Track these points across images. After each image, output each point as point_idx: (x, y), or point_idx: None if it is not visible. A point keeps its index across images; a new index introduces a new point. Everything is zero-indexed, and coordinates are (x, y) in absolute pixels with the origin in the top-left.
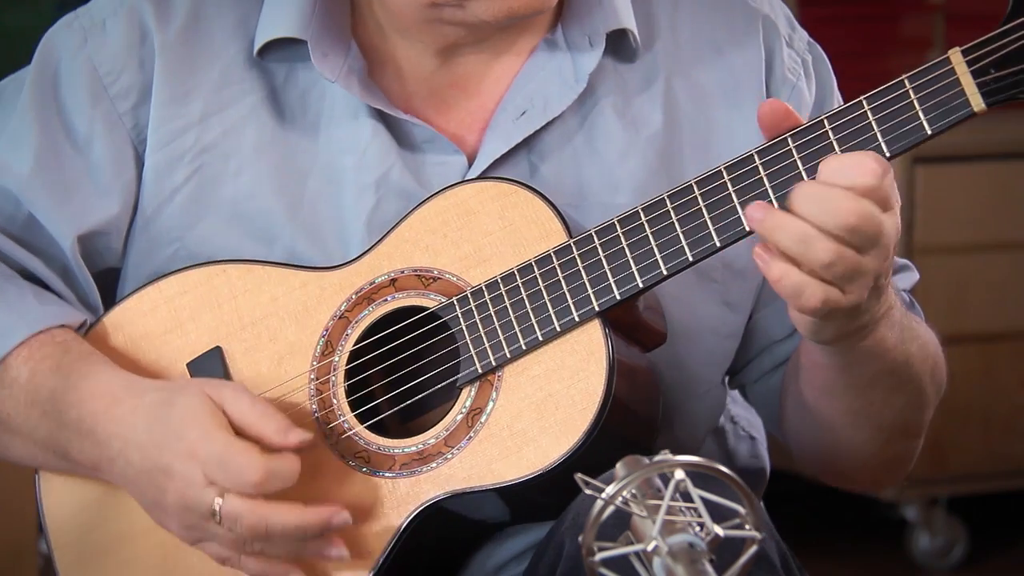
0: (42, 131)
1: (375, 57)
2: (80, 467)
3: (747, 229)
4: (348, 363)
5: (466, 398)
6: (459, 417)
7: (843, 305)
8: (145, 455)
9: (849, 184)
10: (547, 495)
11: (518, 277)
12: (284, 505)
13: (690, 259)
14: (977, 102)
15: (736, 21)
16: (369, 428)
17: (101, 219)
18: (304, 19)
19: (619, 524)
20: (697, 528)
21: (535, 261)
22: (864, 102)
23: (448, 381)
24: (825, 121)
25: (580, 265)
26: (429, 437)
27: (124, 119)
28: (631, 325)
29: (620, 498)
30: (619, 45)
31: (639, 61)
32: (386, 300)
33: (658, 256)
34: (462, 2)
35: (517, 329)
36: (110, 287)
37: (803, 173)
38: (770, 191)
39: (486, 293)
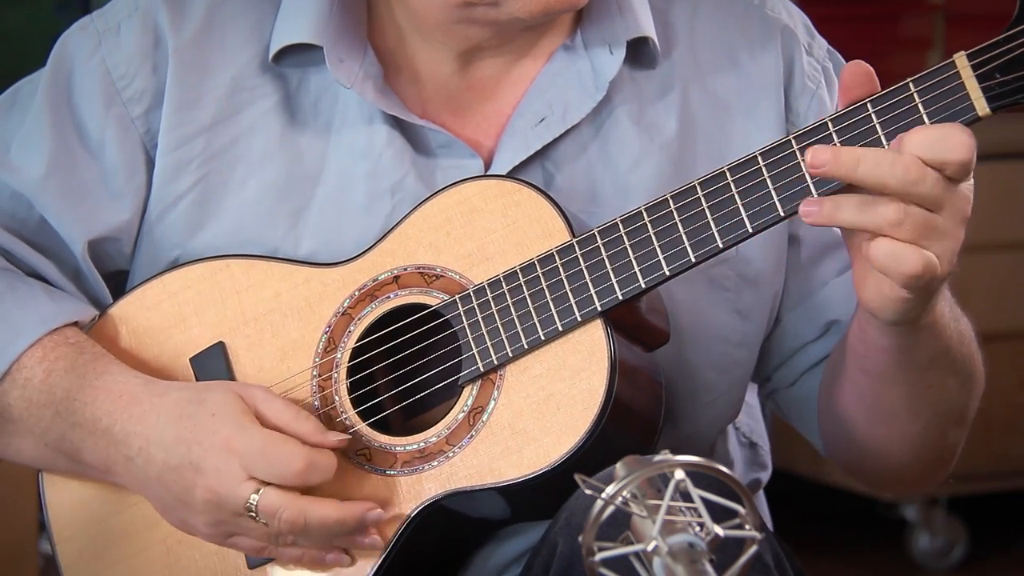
0: (55, 134)
1: (391, 62)
2: (91, 469)
3: (750, 231)
4: (350, 360)
5: (468, 396)
6: (461, 415)
7: (938, 273)
8: (171, 452)
9: (941, 160)
10: (548, 494)
11: (520, 276)
12: (321, 500)
13: (693, 260)
14: (982, 106)
15: (754, 31)
16: (371, 425)
17: (112, 224)
18: (320, 24)
19: (617, 524)
20: (697, 528)
21: (538, 260)
22: (868, 105)
23: (450, 379)
24: (829, 123)
25: (583, 264)
26: (431, 435)
27: (137, 123)
28: (633, 325)
29: (620, 498)
30: (638, 53)
31: (656, 69)
32: (389, 297)
33: (660, 256)
34: (497, 3)
35: (519, 328)
36: (121, 288)
37: (806, 174)
38: (773, 193)
39: (488, 292)
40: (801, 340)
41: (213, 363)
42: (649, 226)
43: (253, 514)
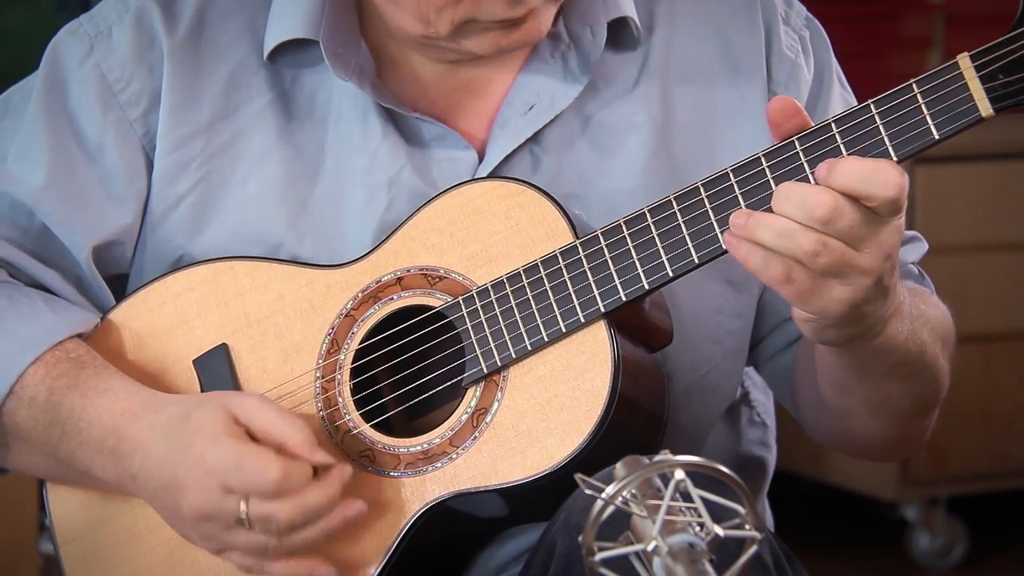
0: (53, 141)
1: (383, 58)
2: (104, 484)
3: None
4: (354, 362)
5: (471, 398)
6: (464, 417)
7: (841, 300)
8: (162, 470)
9: (868, 194)
10: (552, 496)
11: (524, 277)
12: (312, 486)
13: (696, 261)
14: (985, 107)
15: (736, 3)
16: (374, 427)
17: (116, 228)
18: (314, 21)
19: (617, 524)
20: (697, 528)
21: (541, 261)
22: (872, 106)
23: (453, 381)
24: (832, 124)
25: (586, 266)
26: (434, 436)
27: (135, 126)
28: (637, 326)
29: (620, 498)
30: (619, 33)
31: (637, 50)
32: (392, 299)
33: (664, 258)
34: (454, 39)
35: (522, 329)
36: (123, 292)
37: (809, 176)
38: None
39: (492, 293)
40: (779, 316)
41: (216, 365)
42: (653, 227)
43: (247, 525)
